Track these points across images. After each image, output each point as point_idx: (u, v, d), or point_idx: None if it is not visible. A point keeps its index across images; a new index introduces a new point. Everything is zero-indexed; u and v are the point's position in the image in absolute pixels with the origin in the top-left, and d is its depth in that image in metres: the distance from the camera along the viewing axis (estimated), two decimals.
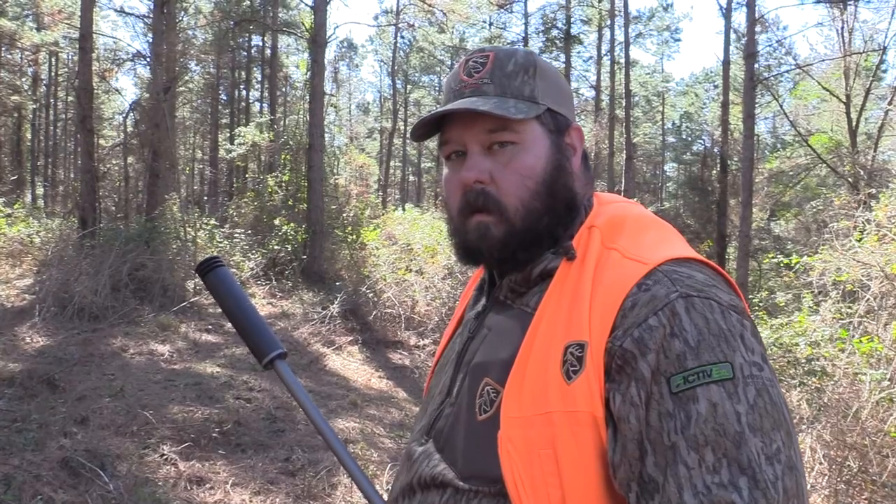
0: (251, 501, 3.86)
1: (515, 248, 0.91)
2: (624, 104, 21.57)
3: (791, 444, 0.73)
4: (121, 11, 20.59)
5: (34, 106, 26.04)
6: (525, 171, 0.91)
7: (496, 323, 0.94)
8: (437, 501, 0.87)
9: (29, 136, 27.04)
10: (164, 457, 4.24)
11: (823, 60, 18.85)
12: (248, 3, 23.02)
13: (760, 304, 8.73)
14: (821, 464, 3.78)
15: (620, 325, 0.77)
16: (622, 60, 22.01)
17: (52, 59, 26.61)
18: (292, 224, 12.29)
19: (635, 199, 1.04)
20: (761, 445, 0.71)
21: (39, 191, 26.89)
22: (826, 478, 3.72)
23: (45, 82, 27.58)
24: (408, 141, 34.74)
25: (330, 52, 37.86)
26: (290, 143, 14.71)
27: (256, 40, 27.12)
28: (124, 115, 16.12)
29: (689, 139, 34.49)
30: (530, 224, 0.91)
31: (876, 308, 4.86)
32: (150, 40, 13.20)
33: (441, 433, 0.92)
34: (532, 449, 0.78)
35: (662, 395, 0.74)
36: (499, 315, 0.95)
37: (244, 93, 28.98)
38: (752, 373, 0.74)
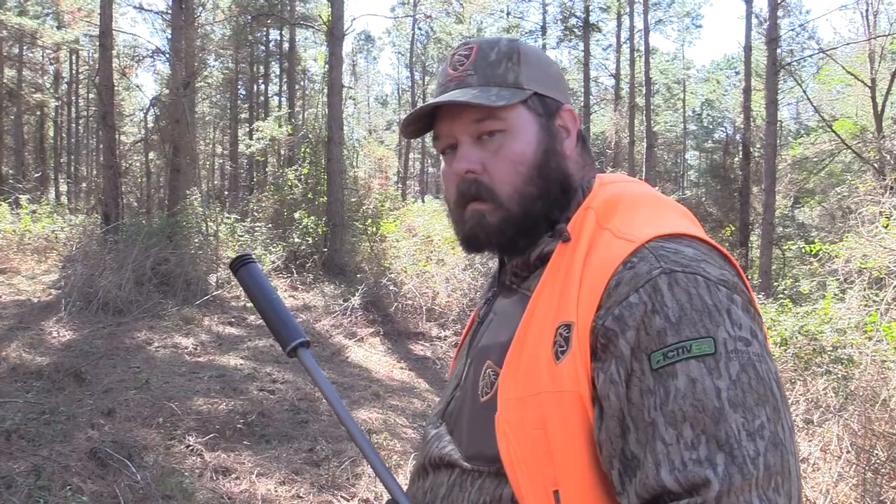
0: (276, 491, 3.89)
1: (513, 234, 0.93)
2: (644, 92, 21.40)
3: (778, 420, 0.72)
4: (140, 8, 20.75)
5: (56, 104, 26.33)
6: (515, 157, 0.92)
7: (501, 307, 0.97)
8: (445, 481, 0.90)
9: (51, 133, 27.39)
10: (190, 447, 4.29)
11: (848, 44, 18.54)
12: None
13: (785, 293, 8.62)
14: (848, 452, 3.73)
15: (604, 304, 0.78)
16: (642, 48, 21.83)
17: (73, 57, 26.90)
18: (312, 217, 12.34)
19: (656, 188, 1.02)
20: (742, 421, 0.70)
21: (63, 188, 27.27)
22: (853, 466, 3.68)
23: (66, 80, 27.88)
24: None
25: (347, 45, 37.90)
26: (310, 136, 14.75)
27: (274, 34, 27.28)
28: (145, 111, 16.26)
29: (711, 127, 34.17)
30: (525, 209, 0.92)
31: None
32: (169, 36, 13.31)
33: (451, 416, 0.96)
34: (526, 429, 0.80)
35: (644, 372, 0.74)
36: (505, 300, 0.98)
37: (263, 87, 29.14)
38: (737, 347, 0.73)
